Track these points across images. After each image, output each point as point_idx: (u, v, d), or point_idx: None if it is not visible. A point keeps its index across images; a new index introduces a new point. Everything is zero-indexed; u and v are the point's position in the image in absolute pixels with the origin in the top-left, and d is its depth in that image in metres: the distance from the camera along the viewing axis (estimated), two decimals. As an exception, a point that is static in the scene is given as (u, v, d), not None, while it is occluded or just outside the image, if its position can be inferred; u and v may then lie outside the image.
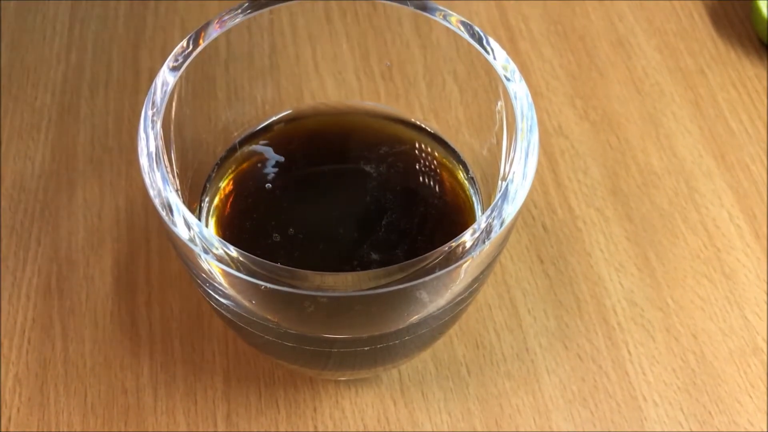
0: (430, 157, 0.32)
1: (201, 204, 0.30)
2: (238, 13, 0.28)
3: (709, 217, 0.37)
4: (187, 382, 0.32)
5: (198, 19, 0.43)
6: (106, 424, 0.31)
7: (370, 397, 0.32)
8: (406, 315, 0.26)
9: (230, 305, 0.26)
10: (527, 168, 0.25)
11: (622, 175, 0.38)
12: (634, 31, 0.43)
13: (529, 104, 0.26)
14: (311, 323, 0.27)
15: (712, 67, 0.42)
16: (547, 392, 0.32)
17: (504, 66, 0.27)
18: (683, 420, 0.31)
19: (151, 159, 0.25)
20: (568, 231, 0.36)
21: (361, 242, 0.29)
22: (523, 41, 0.43)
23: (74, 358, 0.32)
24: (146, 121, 0.26)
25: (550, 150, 0.39)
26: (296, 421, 0.31)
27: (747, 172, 0.38)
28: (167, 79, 0.26)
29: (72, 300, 0.34)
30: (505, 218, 0.25)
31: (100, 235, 0.36)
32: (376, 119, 0.33)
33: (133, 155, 0.38)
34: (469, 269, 0.25)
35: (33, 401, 0.31)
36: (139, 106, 0.40)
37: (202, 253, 0.24)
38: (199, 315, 0.33)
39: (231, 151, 0.31)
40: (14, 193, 0.37)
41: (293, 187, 0.31)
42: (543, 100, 0.40)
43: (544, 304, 0.34)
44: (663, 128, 0.40)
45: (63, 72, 0.41)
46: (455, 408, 0.32)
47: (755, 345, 0.33)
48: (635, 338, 0.33)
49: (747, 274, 0.35)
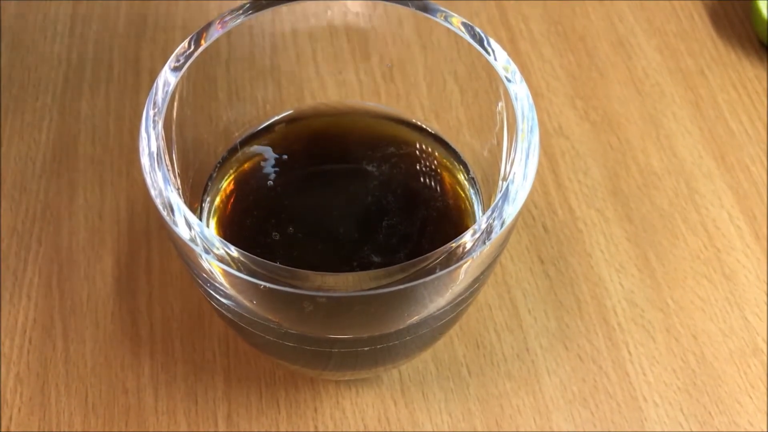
0: (431, 157, 0.32)
1: (202, 204, 0.30)
2: (239, 14, 0.28)
3: (709, 218, 0.37)
4: (187, 382, 0.32)
5: (199, 19, 0.43)
6: (107, 424, 0.31)
7: (371, 397, 0.32)
8: (407, 315, 0.26)
9: (231, 305, 0.26)
10: (528, 169, 0.25)
11: (623, 176, 0.38)
12: (634, 31, 0.43)
13: (530, 105, 0.26)
14: (312, 323, 0.27)
15: (712, 67, 0.42)
16: (547, 393, 0.32)
17: (505, 67, 0.27)
18: (683, 420, 0.31)
19: (152, 159, 0.25)
20: (568, 231, 0.36)
21: (362, 242, 0.29)
22: (524, 41, 0.43)
23: (75, 358, 0.32)
24: (147, 121, 0.26)
25: (551, 151, 0.39)
26: (297, 421, 0.31)
27: (747, 173, 0.38)
28: (169, 79, 0.26)
29: (73, 300, 0.34)
30: (506, 219, 0.25)
31: (101, 235, 0.36)
32: (376, 119, 0.33)
33: (134, 155, 0.38)
34: (469, 270, 0.25)
35: (34, 401, 0.32)
36: (140, 107, 0.40)
37: (203, 253, 0.24)
38: (200, 315, 0.33)
39: (232, 152, 0.31)
40: (15, 193, 0.37)
41: (294, 187, 0.31)
42: (543, 101, 0.40)
43: (545, 304, 0.34)
44: (663, 129, 0.40)
45: (64, 72, 0.41)
46: (456, 408, 0.32)
47: (755, 346, 0.33)
48: (635, 339, 0.33)
49: (747, 275, 0.35)
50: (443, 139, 0.32)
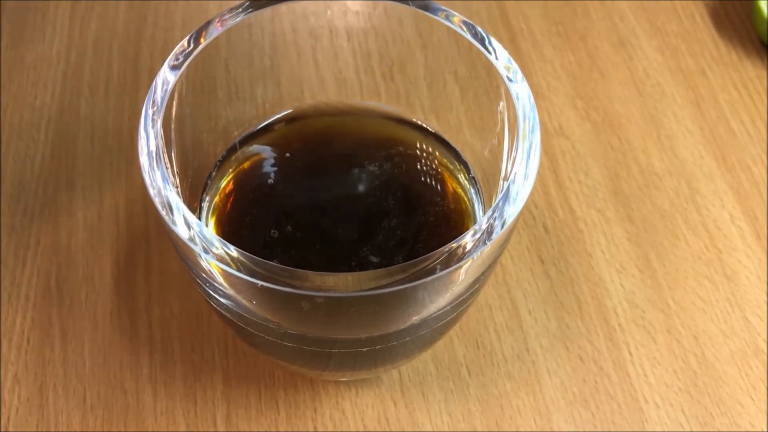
0: (432, 157, 0.32)
1: (201, 203, 0.30)
2: (239, 12, 0.28)
3: (710, 219, 0.37)
4: (186, 383, 0.32)
5: (198, 18, 0.43)
6: (105, 425, 0.31)
7: (371, 397, 0.32)
8: (407, 316, 0.26)
9: (230, 305, 0.26)
10: (529, 169, 0.25)
11: (623, 176, 0.38)
12: (635, 31, 0.43)
13: (531, 105, 0.26)
14: (311, 324, 0.26)
15: (713, 67, 0.42)
16: (548, 393, 0.32)
17: (506, 66, 0.27)
18: (684, 422, 0.31)
19: (151, 158, 0.25)
20: (569, 232, 0.36)
21: (362, 242, 0.29)
22: (524, 41, 0.42)
23: (73, 359, 0.32)
24: (147, 119, 0.25)
25: (551, 151, 0.38)
26: (296, 421, 0.31)
27: (748, 173, 0.38)
28: (168, 77, 0.26)
29: (71, 300, 0.34)
30: (507, 219, 0.24)
31: (100, 234, 0.35)
32: (377, 119, 0.33)
33: (133, 154, 0.38)
34: (470, 270, 0.25)
35: (32, 401, 0.31)
36: (139, 106, 0.40)
37: (202, 253, 0.23)
38: (198, 315, 0.33)
39: (231, 151, 0.31)
40: (14, 192, 0.37)
41: (293, 186, 0.31)
42: (544, 101, 0.40)
43: (545, 305, 0.34)
44: (664, 129, 0.39)
45: (63, 71, 0.41)
46: (456, 409, 0.31)
47: (756, 346, 0.33)
48: (636, 339, 0.33)
49: (748, 276, 0.35)
50: (444, 138, 0.32)
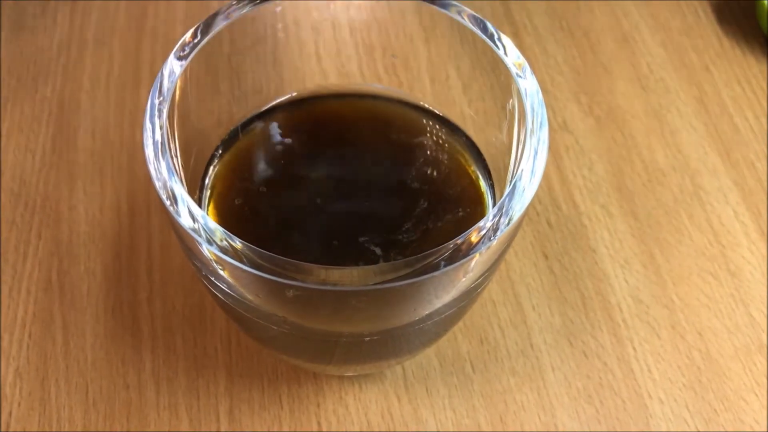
0: (444, 146, 0.31)
1: (202, 193, 0.30)
2: (245, 4, 0.28)
3: (714, 215, 0.36)
4: (189, 378, 0.32)
5: (199, 11, 0.43)
6: (107, 420, 0.31)
7: (374, 393, 0.32)
8: (412, 311, 0.26)
9: (234, 297, 0.26)
10: (536, 164, 0.25)
11: (627, 172, 0.38)
12: (638, 27, 0.43)
13: (540, 101, 0.26)
14: (316, 317, 0.26)
15: (716, 63, 0.42)
16: (551, 389, 0.32)
17: (516, 63, 0.27)
18: (689, 417, 0.31)
19: (156, 149, 0.25)
20: (572, 227, 0.36)
21: (368, 234, 0.28)
22: (528, 37, 0.42)
23: (75, 353, 0.32)
24: (152, 110, 0.25)
25: (555, 146, 0.38)
26: (299, 417, 0.31)
27: (752, 169, 0.38)
28: (174, 68, 0.26)
29: (73, 294, 0.34)
30: (513, 215, 0.24)
31: (102, 228, 0.35)
32: (383, 102, 0.33)
33: (135, 148, 0.37)
34: (475, 266, 0.25)
35: (34, 396, 0.31)
36: (141, 99, 0.39)
37: (205, 244, 0.23)
38: (201, 310, 0.33)
39: (232, 140, 0.31)
40: (14, 186, 0.36)
41: (296, 173, 0.30)
42: (548, 96, 0.40)
43: (549, 300, 0.34)
44: (668, 125, 0.39)
45: (63, 64, 0.41)
46: (459, 404, 0.31)
47: (761, 342, 0.33)
48: (640, 335, 0.33)
49: (752, 272, 0.35)
50: (451, 127, 0.31)
